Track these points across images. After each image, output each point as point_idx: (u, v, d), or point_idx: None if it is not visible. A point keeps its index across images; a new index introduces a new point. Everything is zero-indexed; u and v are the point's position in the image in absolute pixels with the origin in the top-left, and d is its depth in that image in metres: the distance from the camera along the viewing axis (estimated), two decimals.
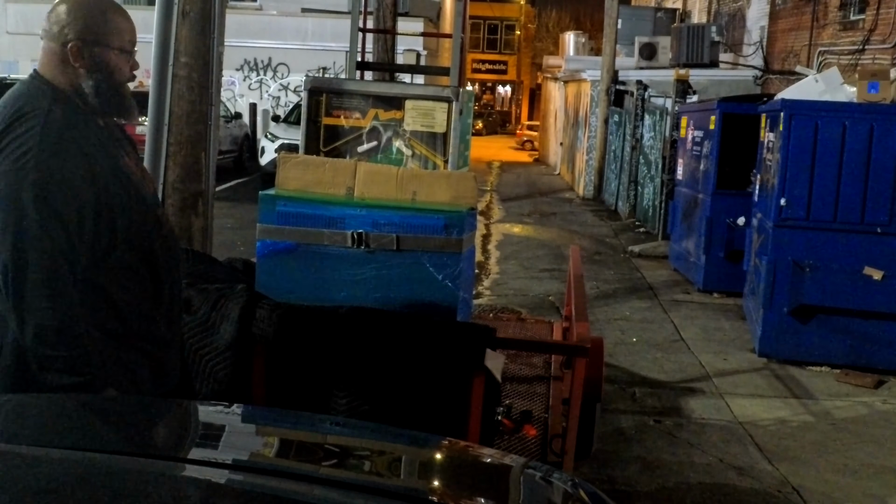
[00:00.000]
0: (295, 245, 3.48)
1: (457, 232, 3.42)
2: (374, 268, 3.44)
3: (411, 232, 3.40)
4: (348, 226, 3.44)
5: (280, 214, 3.52)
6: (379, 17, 12.10)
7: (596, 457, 4.91)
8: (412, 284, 3.40)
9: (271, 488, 1.67)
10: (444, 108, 3.68)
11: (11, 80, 18.47)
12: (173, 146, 5.66)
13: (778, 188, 7.04)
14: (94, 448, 1.82)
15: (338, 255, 3.45)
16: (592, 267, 10.65)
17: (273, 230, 3.51)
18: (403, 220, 3.41)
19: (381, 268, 3.42)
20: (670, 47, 17.23)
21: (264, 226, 3.53)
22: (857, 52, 12.39)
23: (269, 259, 3.52)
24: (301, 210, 3.49)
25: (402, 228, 3.41)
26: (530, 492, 2.00)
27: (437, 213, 3.44)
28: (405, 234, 3.40)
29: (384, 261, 3.41)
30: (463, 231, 3.44)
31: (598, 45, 22.32)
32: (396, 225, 3.42)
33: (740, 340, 7.73)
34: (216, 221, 6.31)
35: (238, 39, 21.37)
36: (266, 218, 3.53)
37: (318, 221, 3.47)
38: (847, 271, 6.96)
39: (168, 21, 5.48)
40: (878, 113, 6.91)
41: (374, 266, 3.44)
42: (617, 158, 17.02)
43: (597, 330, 7.16)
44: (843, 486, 4.92)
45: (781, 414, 6.00)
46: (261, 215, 3.54)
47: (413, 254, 3.39)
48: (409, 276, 3.41)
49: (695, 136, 10.30)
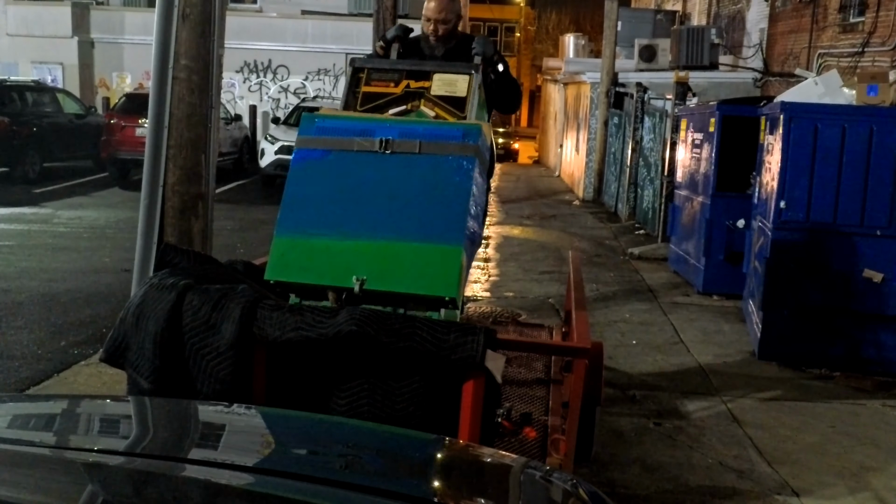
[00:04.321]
0: (328, 151, 3.87)
1: (472, 140, 3.81)
2: (397, 167, 3.76)
3: (433, 140, 3.81)
4: (376, 135, 3.84)
5: (318, 128, 3.96)
6: (379, 20, 12.10)
7: (595, 459, 4.92)
8: (431, 183, 3.72)
9: (271, 488, 1.67)
10: (465, 79, 4.21)
11: (12, 82, 18.50)
12: (173, 148, 5.66)
13: (777, 190, 7.04)
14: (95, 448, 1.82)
15: (365, 158, 3.80)
16: (592, 269, 10.66)
17: (310, 140, 3.91)
18: (426, 131, 3.86)
19: (403, 167, 3.75)
20: (670, 49, 17.25)
21: (302, 137, 3.94)
22: (857, 55, 12.40)
23: (302, 164, 3.88)
24: (336, 125, 3.96)
25: (424, 137, 3.82)
26: (531, 491, 2.00)
27: (455, 126, 3.96)
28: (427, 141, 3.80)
29: (407, 162, 3.76)
30: (478, 139, 3.83)
31: (598, 47, 22.32)
32: (420, 134, 3.83)
33: (740, 343, 7.73)
34: (216, 223, 6.32)
35: (238, 41, 21.38)
36: (305, 132, 3.95)
37: (351, 132, 3.88)
38: (847, 274, 6.96)
39: (168, 23, 5.48)
40: (877, 115, 6.92)
41: (396, 166, 3.76)
42: (617, 160, 17.02)
43: (596, 332, 7.17)
44: (842, 489, 4.92)
45: (781, 416, 6.00)
46: (300, 130, 3.96)
47: (433, 156, 3.77)
48: (428, 176, 3.74)
49: (694, 138, 10.31)
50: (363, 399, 3.28)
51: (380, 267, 3.53)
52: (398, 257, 3.54)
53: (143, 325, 3.40)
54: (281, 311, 3.33)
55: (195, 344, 3.34)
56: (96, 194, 16.14)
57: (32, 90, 18.64)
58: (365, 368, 3.30)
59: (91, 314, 7.76)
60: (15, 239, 11.33)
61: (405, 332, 3.22)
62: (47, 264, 9.78)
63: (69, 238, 11.62)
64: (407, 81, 4.27)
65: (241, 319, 3.30)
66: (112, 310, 7.48)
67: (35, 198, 15.13)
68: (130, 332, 3.45)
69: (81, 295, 8.42)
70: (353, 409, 3.28)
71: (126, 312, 3.52)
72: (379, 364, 3.28)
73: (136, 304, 3.49)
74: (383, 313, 3.34)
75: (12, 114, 17.10)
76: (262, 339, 3.30)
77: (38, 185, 16.45)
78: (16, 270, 9.39)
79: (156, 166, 5.60)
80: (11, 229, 12.06)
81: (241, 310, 3.32)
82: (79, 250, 10.73)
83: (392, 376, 3.28)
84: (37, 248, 10.77)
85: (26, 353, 6.64)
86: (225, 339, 3.31)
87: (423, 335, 3.21)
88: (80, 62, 25.61)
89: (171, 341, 3.35)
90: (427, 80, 4.25)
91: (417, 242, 3.55)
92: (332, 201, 3.73)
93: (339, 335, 3.22)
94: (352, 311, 3.31)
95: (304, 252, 3.63)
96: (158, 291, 3.44)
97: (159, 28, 5.49)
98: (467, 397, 3.23)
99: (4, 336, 7.03)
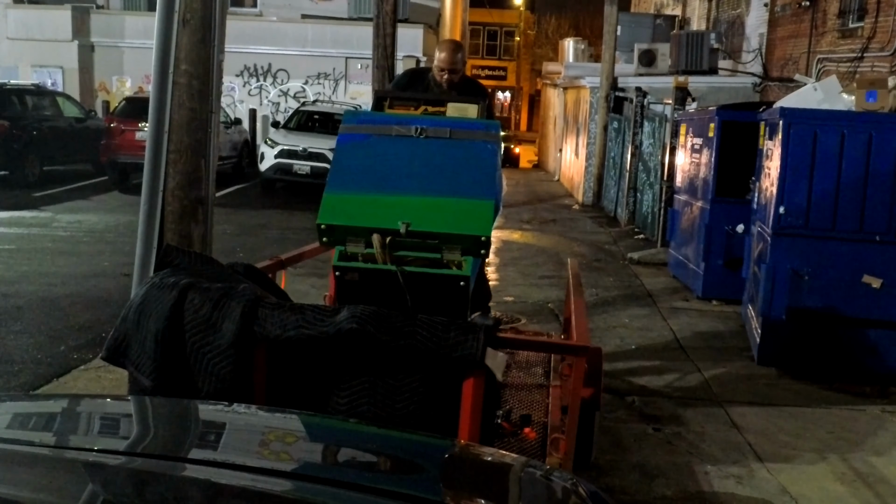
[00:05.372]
0: (369, 135, 4.37)
1: (494, 129, 4.43)
2: (432, 147, 4.27)
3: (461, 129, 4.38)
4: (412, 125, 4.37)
5: (360, 119, 4.61)
6: (378, 24, 12.11)
7: (595, 465, 4.91)
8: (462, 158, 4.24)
9: (271, 488, 1.67)
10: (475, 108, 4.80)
11: (12, 86, 18.51)
12: (173, 153, 5.66)
13: (777, 196, 7.05)
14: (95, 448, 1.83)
15: (403, 141, 4.30)
16: (591, 274, 10.66)
17: (353, 127, 4.44)
18: (454, 124, 4.43)
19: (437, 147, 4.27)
20: (669, 54, 17.29)
21: (346, 125, 4.46)
22: (856, 60, 12.43)
23: (347, 144, 4.37)
24: (376, 118, 4.59)
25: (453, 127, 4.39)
26: (531, 490, 2.01)
27: (478, 120, 4.61)
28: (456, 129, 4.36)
29: (440, 143, 4.28)
30: (498, 130, 4.47)
31: (598, 51, 22.34)
32: (449, 125, 4.41)
33: (739, 348, 7.73)
34: (215, 228, 6.31)
35: (238, 45, 21.39)
36: (348, 121, 4.50)
37: (389, 122, 4.43)
38: (846, 279, 6.97)
39: (169, 28, 5.49)
40: (876, 122, 6.93)
41: (431, 146, 4.28)
42: (616, 165, 17.04)
43: (596, 337, 7.16)
44: (841, 495, 4.92)
45: (780, 422, 6.00)
46: (343, 121, 4.52)
47: (462, 140, 4.30)
48: (459, 154, 4.26)
49: (694, 143, 10.32)
50: (363, 397, 3.29)
51: (422, 214, 3.98)
52: (439, 207, 4.02)
53: (145, 324, 3.41)
54: (282, 310, 3.34)
55: (196, 342, 3.35)
56: (96, 198, 16.14)
57: (32, 94, 18.65)
58: (365, 367, 3.31)
59: (90, 318, 7.76)
60: (14, 243, 11.33)
61: (405, 330, 3.23)
62: (47, 268, 9.78)
63: (69, 242, 11.62)
64: (425, 107, 4.83)
65: (241, 318, 3.31)
66: (112, 314, 7.47)
67: (35, 201, 15.13)
68: (132, 331, 3.46)
69: (81, 299, 8.42)
70: (353, 408, 3.29)
71: (127, 311, 3.53)
72: (379, 362, 3.29)
73: (137, 303, 3.50)
74: (384, 312, 3.35)
75: (12, 117, 17.10)
76: (263, 338, 3.31)
77: (38, 189, 16.45)
78: (15, 274, 9.39)
79: (156, 170, 5.60)
80: (11, 233, 12.06)
81: (241, 308, 3.33)
82: (78, 254, 10.73)
83: (392, 375, 3.29)
84: (36, 251, 10.77)
85: (26, 357, 6.64)
86: (226, 338, 3.32)
87: (424, 333, 3.22)
88: (80, 66, 25.63)
89: (172, 339, 3.36)
90: (442, 107, 4.81)
91: (455, 197, 4.05)
92: (376, 169, 4.21)
93: (339, 333, 3.23)
94: (353, 309, 3.32)
95: (352, 204, 4.07)
96: (160, 290, 3.45)
97: (160, 33, 5.50)
98: (467, 396, 3.23)
99: (4, 340, 7.03)
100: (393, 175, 4.16)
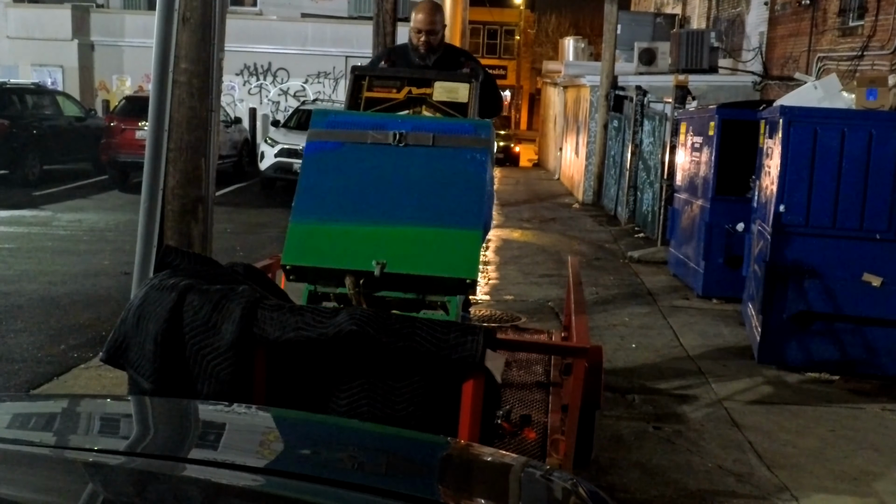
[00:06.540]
0: (341, 144, 3.90)
1: (484, 133, 3.92)
2: (412, 159, 3.80)
3: (445, 133, 3.88)
4: (389, 129, 3.89)
5: (330, 122, 4.01)
6: (379, 23, 12.11)
7: (595, 463, 4.91)
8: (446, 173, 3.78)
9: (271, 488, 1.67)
10: (466, 87, 4.27)
11: (12, 85, 18.51)
12: (173, 152, 5.67)
13: (777, 194, 7.05)
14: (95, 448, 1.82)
15: (379, 150, 3.83)
16: (591, 272, 10.66)
17: (322, 132, 3.95)
18: (438, 126, 3.93)
19: (418, 158, 3.80)
20: (669, 53, 17.26)
21: (315, 130, 3.97)
22: (856, 58, 12.42)
23: (315, 155, 3.91)
24: (349, 119, 4.03)
25: (437, 131, 3.90)
26: (531, 490, 2.01)
27: (467, 121, 4.05)
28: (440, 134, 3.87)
29: (421, 154, 3.81)
30: (489, 133, 3.93)
31: (598, 50, 22.35)
32: (433, 128, 3.92)
33: (739, 347, 7.73)
34: (215, 226, 6.31)
35: (238, 44, 21.39)
36: (317, 125, 3.99)
37: (364, 126, 3.93)
38: (846, 278, 6.97)
39: (168, 27, 5.50)
40: (876, 120, 6.93)
41: (411, 157, 3.80)
42: (616, 164, 17.03)
43: (596, 336, 7.16)
44: (842, 494, 4.92)
45: (780, 420, 6.00)
46: (312, 124, 4.00)
47: (447, 149, 3.83)
48: (443, 166, 3.79)
49: (694, 141, 10.32)
50: (363, 399, 3.29)
51: (399, 251, 3.57)
52: (418, 241, 3.58)
53: (144, 326, 3.41)
54: (281, 312, 3.34)
55: (196, 344, 3.34)
56: (96, 197, 16.15)
57: (32, 93, 18.66)
58: (365, 368, 3.30)
59: (91, 317, 7.76)
60: (14, 241, 11.33)
61: (405, 331, 3.23)
62: (47, 267, 9.78)
63: (69, 241, 11.62)
64: (409, 88, 4.36)
65: (241, 320, 3.30)
66: (112, 313, 7.47)
67: (35, 200, 15.14)
68: (131, 333, 3.46)
69: (81, 298, 8.42)
70: (352, 409, 3.28)
71: (127, 313, 3.53)
72: (379, 364, 3.28)
73: (136, 305, 3.49)
74: (383, 314, 3.34)
75: (12, 116, 17.11)
76: (263, 340, 3.31)
77: (38, 188, 16.46)
78: (15, 273, 9.39)
79: (156, 169, 5.61)
80: (11, 232, 12.06)
81: (241, 310, 3.32)
82: (78, 253, 10.73)
83: (392, 376, 3.28)
84: (36, 250, 10.77)
85: (26, 356, 6.64)
86: (225, 340, 3.31)
87: (423, 335, 3.21)
88: (80, 65, 25.64)
89: (171, 341, 3.36)
90: (428, 87, 4.33)
91: (437, 227, 3.59)
92: (348, 190, 3.78)
93: (339, 335, 3.22)
94: (352, 311, 3.32)
95: (321, 237, 3.67)
96: (159, 292, 3.44)
97: (159, 31, 5.50)
98: (467, 397, 3.23)
99: (4, 339, 7.03)
100: (368, 196, 3.74)
